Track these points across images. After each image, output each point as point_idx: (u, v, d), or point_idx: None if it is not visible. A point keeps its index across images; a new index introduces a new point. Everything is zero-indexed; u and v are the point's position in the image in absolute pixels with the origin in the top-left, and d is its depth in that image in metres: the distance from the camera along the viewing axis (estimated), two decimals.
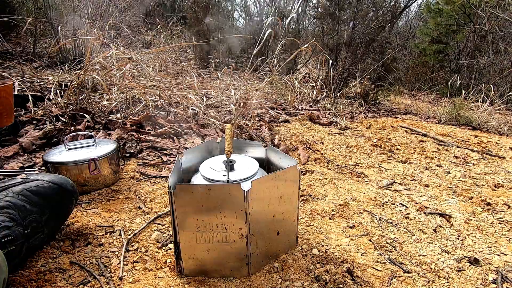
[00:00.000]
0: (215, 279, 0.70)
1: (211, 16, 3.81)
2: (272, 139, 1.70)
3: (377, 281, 0.74)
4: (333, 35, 3.30)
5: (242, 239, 0.68)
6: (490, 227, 0.99)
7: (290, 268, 0.75)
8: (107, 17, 3.30)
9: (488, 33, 4.20)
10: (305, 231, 0.91)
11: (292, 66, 3.68)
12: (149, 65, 2.41)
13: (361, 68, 3.24)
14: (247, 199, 0.64)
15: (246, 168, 0.78)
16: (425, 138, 1.95)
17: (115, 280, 0.69)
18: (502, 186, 1.31)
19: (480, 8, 4.20)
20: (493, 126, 2.54)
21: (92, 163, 1.00)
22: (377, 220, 1.00)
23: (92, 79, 1.82)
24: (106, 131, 1.49)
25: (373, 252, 0.84)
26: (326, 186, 1.21)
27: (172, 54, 3.50)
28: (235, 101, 2.05)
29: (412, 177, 1.35)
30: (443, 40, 4.98)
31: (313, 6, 4.05)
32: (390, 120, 2.44)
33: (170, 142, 1.50)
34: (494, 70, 4.03)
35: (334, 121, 2.17)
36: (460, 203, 1.15)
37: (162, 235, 0.85)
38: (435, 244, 0.89)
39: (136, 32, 4.45)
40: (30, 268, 0.69)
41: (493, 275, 0.78)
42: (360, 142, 1.77)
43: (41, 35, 3.22)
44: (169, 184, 0.64)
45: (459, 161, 1.59)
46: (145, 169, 1.24)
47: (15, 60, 2.40)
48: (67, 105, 1.63)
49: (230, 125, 0.83)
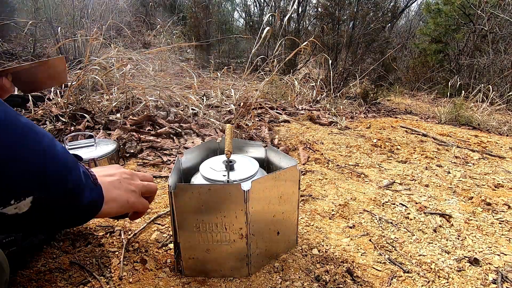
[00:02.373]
0: (215, 279, 0.70)
1: (211, 16, 3.81)
2: (272, 139, 1.70)
3: (377, 281, 0.74)
4: (333, 35, 3.30)
5: (242, 239, 0.68)
6: (490, 227, 0.99)
7: (290, 268, 0.75)
8: (107, 17, 3.30)
9: (488, 33, 4.20)
10: (305, 231, 0.91)
11: (292, 66, 3.68)
12: (149, 65, 2.41)
13: (361, 68, 3.24)
14: (247, 199, 0.64)
15: (246, 168, 0.78)
16: (425, 138, 1.95)
17: (115, 280, 0.69)
18: (502, 186, 1.31)
19: (480, 8, 4.20)
20: (493, 126, 2.54)
21: (92, 163, 1.00)
22: (377, 220, 1.00)
23: (92, 79, 1.82)
24: (106, 131, 1.49)
25: (373, 252, 0.84)
26: (326, 186, 1.21)
27: (172, 54, 3.50)
28: (235, 101, 2.05)
29: (412, 177, 1.35)
30: (443, 40, 4.98)
31: (313, 6, 4.05)
32: (390, 120, 2.44)
33: (170, 142, 1.50)
34: (494, 70, 4.03)
35: (334, 121, 2.17)
36: (460, 203, 1.15)
37: (162, 235, 0.85)
38: (435, 244, 0.89)
39: (136, 32, 4.45)
40: (30, 268, 0.69)
41: (493, 275, 0.78)
42: (360, 142, 1.77)
43: (41, 35, 3.22)
44: (169, 184, 0.64)
45: (459, 161, 1.59)
46: (145, 169, 1.24)
47: (15, 60, 2.40)
48: (67, 105, 1.63)
49: (230, 125, 0.83)
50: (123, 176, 0.52)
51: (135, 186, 0.53)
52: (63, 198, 0.38)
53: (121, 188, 0.50)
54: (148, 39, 4.38)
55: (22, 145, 0.33)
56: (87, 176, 0.43)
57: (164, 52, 3.17)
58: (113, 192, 0.48)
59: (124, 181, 0.51)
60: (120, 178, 0.51)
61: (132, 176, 0.54)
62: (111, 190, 0.48)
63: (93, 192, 0.43)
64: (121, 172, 0.53)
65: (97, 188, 0.44)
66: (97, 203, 0.44)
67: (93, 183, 0.44)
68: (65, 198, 0.39)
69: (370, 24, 3.27)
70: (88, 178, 0.43)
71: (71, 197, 0.39)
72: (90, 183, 0.43)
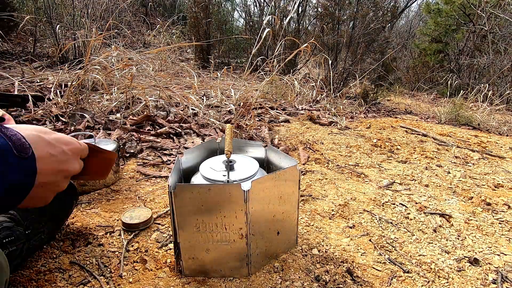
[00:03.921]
0: (215, 279, 0.70)
1: (211, 16, 3.81)
2: (272, 139, 1.70)
3: (377, 281, 0.74)
4: (333, 35, 3.30)
5: (242, 239, 0.68)
6: (490, 227, 0.99)
7: (290, 268, 0.75)
8: (107, 17, 3.30)
9: (488, 33, 4.20)
10: (305, 231, 0.91)
11: (292, 66, 3.68)
12: (149, 65, 2.41)
13: (361, 68, 3.24)
14: (247, 199, 0.64)
15: (246, 168, 0.78)
16: (425, 138, 1.95)
17: (115, 280, 0.69)
18: (502, 186, 1.31)
19: (480, 8, 4.20)
20: (493, 126, 2.54)
21: None
22: (377, 220, 1.00)
23: (92, 79, 1.82)
24: (106, 131, 1.49)
25: (373, 252, 0.84)
26: (326, 186, 1.21)
27: (172, 54, 3.50)
28: (235, 101, 2.05)
29: (412, 177, 1.35)
30: (443, 40, 4.98)
31: (313, 6, 4.05)
32: (390, 120, 2.44)
33: (170, 142, 1.50)
34: (494, 70, 4.03)
35: (334, 121, 2.17)
36: (460, 203, 1.15)
37: (162, 235, 0.85)
38: (435, 244, 0.89)
39: (136, 32, 4.45)
40: (30, 268, 0.69)
41: (493, 275, 0.78)
42: (360, 142, 1.77)
43: (41, 35, 3.22)
44: (169, 184, 0.64)
45: (459, 161, 1.59)
46: (145, 169, 1.24)
47: (15, 60, 2.40)
48: (67, 105, 1.63)
49: (230, 125, 0.83)
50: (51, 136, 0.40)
51: (70, 150, 0.42)
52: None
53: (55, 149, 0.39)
54: (148, 39, 4.38)
55: None
56: (3, 151, 0.33)
57: (164, 52, 3.17)
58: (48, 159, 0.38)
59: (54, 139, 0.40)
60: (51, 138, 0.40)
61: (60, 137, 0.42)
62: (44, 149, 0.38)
63: (15, 174, 0.34)
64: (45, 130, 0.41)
65: (26, 161, 0.35)
66: (25, 185, 0.36)
67: (18, 156, 0.34)
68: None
69: (370, 24, 3.27)
70: (8, 153, 0.33)
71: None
72: (11, 160, 0.34)
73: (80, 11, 3.01)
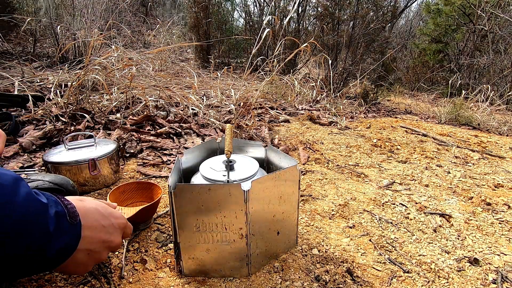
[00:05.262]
0: (215, 279, 0.70)
1: (211, 16, 3.81)
2: (272, 139, 1.70)
3: (377, 281, 0.74)
4: (333, 35, 3.30)
5: (242, 239, 0.68)
6: (490, 227, 0.99)
7: (290, 268, 0.75)
8: (107, 17, 3.30)
9: (488, 33, 4.20)
10: (305, 231, 0.91)
11: (292, 66, 3.68)
12: (149, 65, 2.41)
13: (361, 68, 3.24)
14: (247, 199, 0.64)
15: (246, 168, 0.78)
16: (425, 138, 1.95)
17: (115, 280, 0.69)
18: (502, 186, 1.31)
19: (480, 8, 4.20)
20: (493, 126, 2.54)
21: (92, 163, 1.00)
22: (377, 220, 1.00)
23: (92, 79, 1.82)
24: (106, 131, 1.49)
25: (373, 252, 0.84)
26: (326, 186, 1.21)
27: (172, 54, 3.51)
28: (235, 101, 2.05)
29: (412, 177, 1.35)
30: (443, 40, 4.98)
31: (313, 6, 4.05)
32: (390, 120, 2.44)
33: (170, 142, 1.50)
34: (494, 70, 4.03)
35: (334, 121, 2.17)
36: (460, 203, 1.15)
37: (162, 235, 0.85)
38: (435, 244, 0.89)
39: (136, 32, 4.45)
40: None
41: (493, 275, 0.78)
42: (360, 142, 1.78)
43: (41, 35, 3.22)
44: (169, 184, 0.64)
45: (459, 161, 1.59)
46: (145, 169, 1.24)
47: (15, 60, 2.40)
48: (67, 105, 1.63)
49: (230, 125, 0.83)
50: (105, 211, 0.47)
51: (117, 224, 0.48)
52: (25, 253, 0.35)
53: (101, 222, 0.46)
54: (148, 39, 4.38)
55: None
56: (60, 216, 0.39)
57: (164, 52, 3.17)
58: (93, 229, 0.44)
59: (106, 214, 0.47)
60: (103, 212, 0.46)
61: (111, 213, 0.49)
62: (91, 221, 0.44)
63: (66, 236, 0.39)
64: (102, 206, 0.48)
65: (74, 227, 0.41)
66: (71, 247, 0.40)
67: (69, 222, 0.40)
68: (28, 253, 0.35)
69: (370, 24, 3.27)
70: (63, 218, 0.39)
71: (35, 251, 0.36)
72: (64, 224, 0.39)
73: (80, 11, 3.02)
